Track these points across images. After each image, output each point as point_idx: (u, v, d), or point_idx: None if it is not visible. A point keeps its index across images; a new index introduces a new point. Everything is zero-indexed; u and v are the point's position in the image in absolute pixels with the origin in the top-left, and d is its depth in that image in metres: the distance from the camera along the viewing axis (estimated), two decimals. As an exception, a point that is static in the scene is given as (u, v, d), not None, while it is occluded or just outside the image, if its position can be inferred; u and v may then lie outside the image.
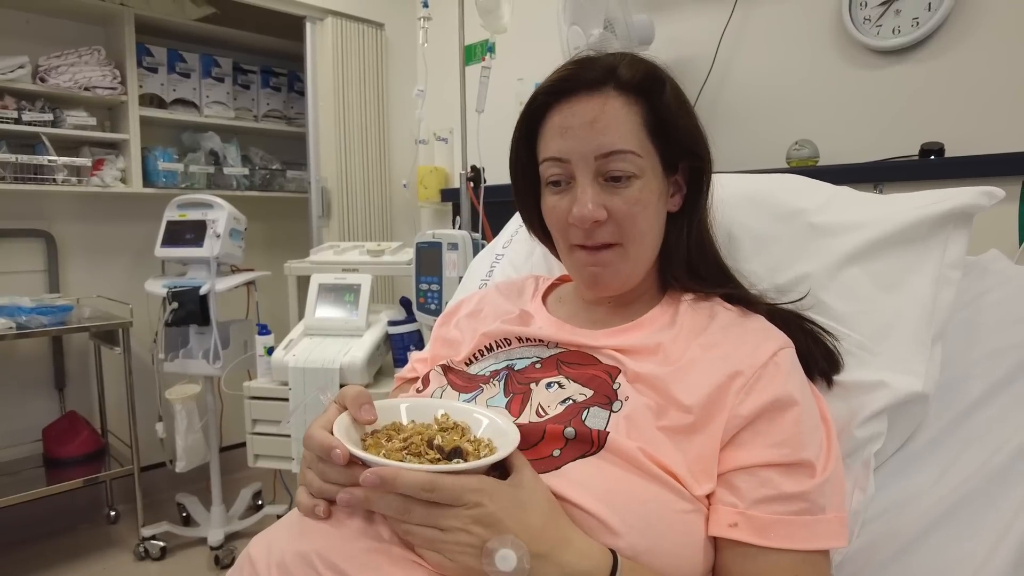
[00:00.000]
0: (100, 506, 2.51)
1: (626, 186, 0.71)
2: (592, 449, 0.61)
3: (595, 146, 0.70)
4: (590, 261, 0.74)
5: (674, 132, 0.73)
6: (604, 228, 0.71)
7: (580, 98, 0.71)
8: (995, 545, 0.63)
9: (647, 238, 0.74)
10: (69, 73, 2.22)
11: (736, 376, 0.64)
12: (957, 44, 1.46)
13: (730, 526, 0.59)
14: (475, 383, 0.76)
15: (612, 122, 0.70)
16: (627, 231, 0.72)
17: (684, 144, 0.74)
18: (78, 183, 2.29)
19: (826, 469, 0.61)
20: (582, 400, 0.67)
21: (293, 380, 1.73)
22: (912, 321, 0.75)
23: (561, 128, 0.72)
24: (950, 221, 0.79)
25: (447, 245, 1.68)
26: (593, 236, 0.72)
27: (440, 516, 0.53)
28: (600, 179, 0.71)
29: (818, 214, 0.86)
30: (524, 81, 2.25)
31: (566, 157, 0.71)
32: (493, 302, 0.90)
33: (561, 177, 0.73)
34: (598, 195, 0.71)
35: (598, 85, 0.71)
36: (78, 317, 2.16)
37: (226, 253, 2.11)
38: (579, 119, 0.70)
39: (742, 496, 0.60)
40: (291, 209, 2.95)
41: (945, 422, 0.74)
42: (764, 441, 0.61)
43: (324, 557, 0.56)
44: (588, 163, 0.70)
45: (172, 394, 2.11)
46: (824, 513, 0.59)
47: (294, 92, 3.01)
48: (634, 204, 0.71)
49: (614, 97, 0.71)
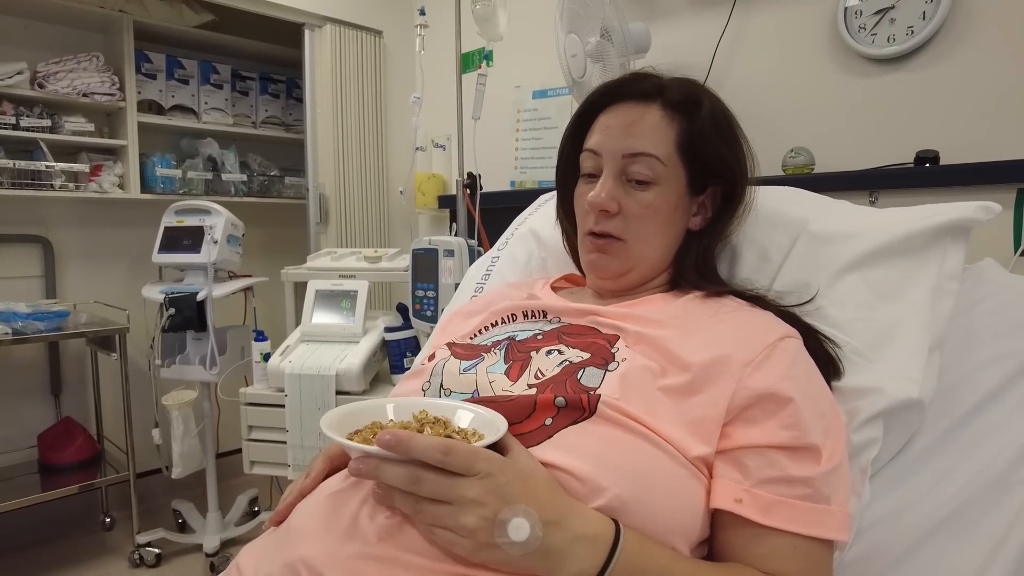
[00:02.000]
0: (95, 513, 2.49)
1: (643, 190, 0.78)
2: (584, 415, 0.62)
3: (624, 145, 0.77)
4: (594, 247, 0.80)
5: (704, 154, 0.78)
6: (612, 220, 0.78)
7: (628, 104, 0.80)
8: (992, 554, 0.64)
9: (653, 243, 0.79)
10: (68, 79, 2.23)
11: (745, 348, 0.65)
12: (951, 52, 1.47)
13: (735, 501, 0.60)
14: (476, 352, 0.77)
15: (646, 129, 0.77)
16: (632, 229, 0.78)
17: (714, 167, 0.79)
18: (76, 189, 2.29)
19: (832, 459, 0.62)
20: (579, 361, 0.68)
21: (289, 386, 1.73)
22: (910, 330, 0.75)
23: (604, 126, 0.80)
24: (948, 233, 0.80)
25: (443, 252, 1.68)
26: (601, 224, 0.79)
27: (452, 487, 0.52)
28: (622, 177, 0.78)
29: (817, 224, 0.87)
30: (521, 89, 2.26)
31: (599, 151, 0.79)
32: (502, 293, 0.94)
33: (593, 169, 0.80)
34: (616, 190, 0.78)
35: (647, 97, 0.79)
36: (75, 323, 2.15)
37: (223, 259, 2.11)
38: (620, 121, 0.79)
39: (749, 474, 0.60)
40: (289, 215, 2.95)
41: (941, 430, 0.74)
42: (775, 422, 0.62)
43: (310, 565, 0.56)
44: (615, 160, 0.78)
45: (168, 400, 2.10)
46: (828, 503, 0.60)
47: (292, 99, 3.02)
48: (646, 207, 0.77)
49: (656, 109, 0.79)
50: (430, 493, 0.53)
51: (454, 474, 0.53)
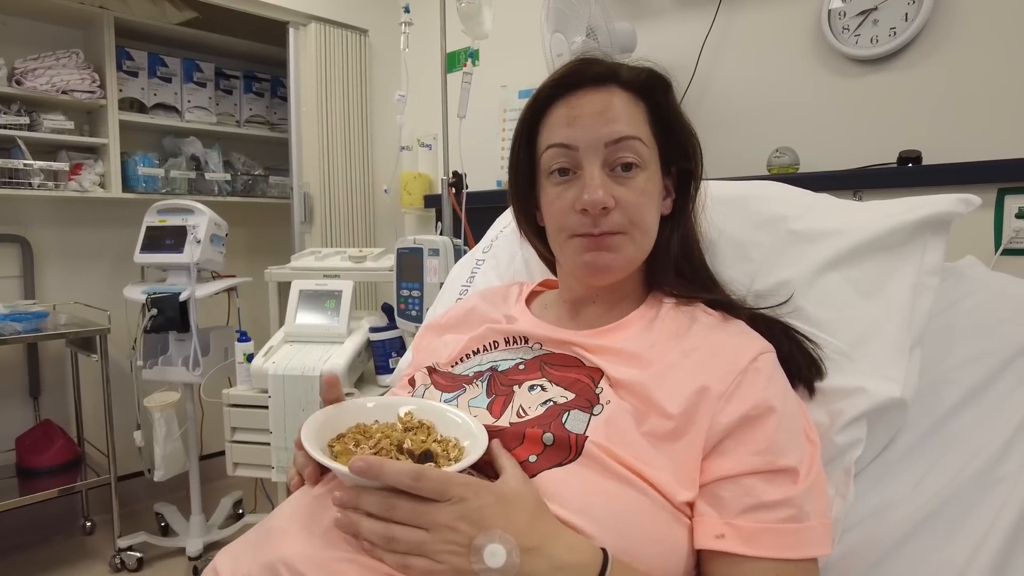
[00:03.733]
0: (76, 516, 2.46)
1: (633, 176, 0.72)
2: (569, 456, 0.61)
3: (605, 133, 0.71)
4: (591, 246, 0.72)
5: (674, 133, 0.76)
6: (611, 216, 0.71)
7: (587, 91, 0.73)
8: (974, 552, 0.64)
9: (650, 229, 0.75)
10: (46, 76, 2.19)
11: (716, 383, 0.63)
12: (933, 53, 1.48)
13: (717, 537, 0.59)
14: (458, 383, 0.76)
15: (621, 112, 0.72)
16: (633, 220, 0.72)
17: (682, 145, 0.77)
18: (55, 188, 2.26)
19: (809, 475, 0.61)
20: (563, 402, 0.66)
21: (273, 388, 1.71)
22: (891, 327, 0.75)
23: (568, 117, 0.73)
24: (928, 228, 0.80)
25: (428, 251, 1.67)
26: (600, 224, 0.71)
27: (425, 512, 0.52)
28: (607, 168, 0.72)
29: (798, 221, 0.87)
30: (508, 88, 2.25)
31: (574, 144, 0.72)
32: (478, 309, 0.90)
33: (568, 165, 0.73)
34: (607, 183, 0.71)
35: (603, 80, 0.74)
36: (54, 324, 2.12)
37: (207, 259, 2.08)
38: (588, 109, 0.72)
39: (727, 506, 0.60)
40: (273, 215, 2.93)
41: (923, 428, 0.74)
42: (746, 449, 0.61)
43: (291, 565, 0.55)
44: (597, 151, 0.71)
45: (151, 402, 2.08)
46: (809, 520, 0.59)
47: (277, 97, 2.99)
48: (641, 194, 0.72)
49: (619, 91, 0.73)
50: (403, 518, 0.53)
51: (428, 500, 0.53)
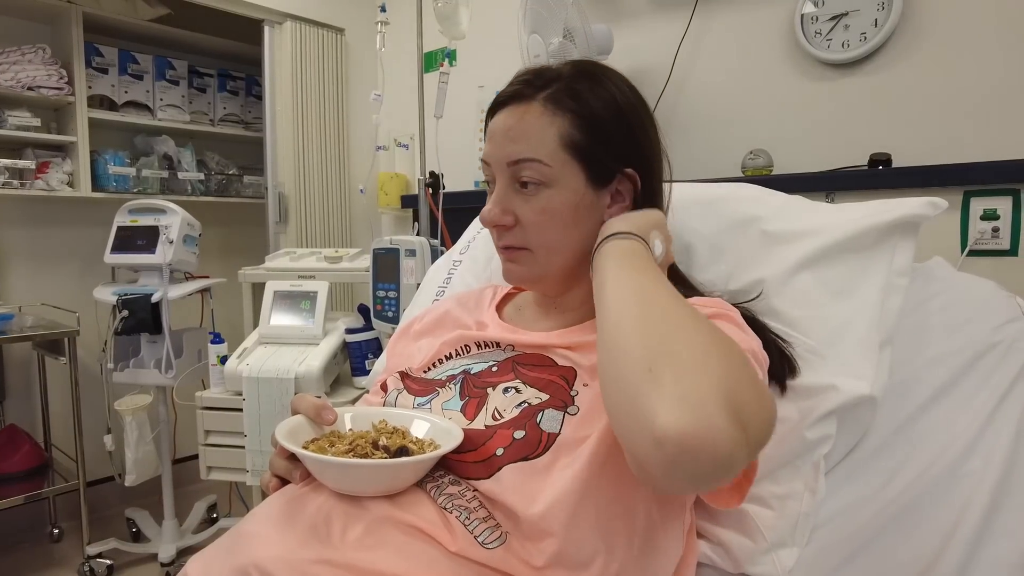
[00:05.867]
0: (43, 523, 2.40)
1: (534, 194, 0.72)
2: (538, 451, 0.61)
3: (505, 153, 0.73)
4: (505, 256, 0.77)
5: (609, 141, 0.73)
6: (511, 232, 0.74)
7: (509, 106, 0.75)
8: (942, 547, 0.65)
9: (559, 247, 0.74)
10: (11, 72, 2.14)
11: None
12: (903, 58, 1.51)
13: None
14: (431, 387, 0.76)
15: (526, 131, 0.72)
16: (533, 238, 0.74)
17: (623, 151, 0.74)
18: (21, 186, 2.20)
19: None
20: (537, 403, 0.67)
21: (247, 390, 1.69)
22: (861, 326, 0.76)
23: (491, 132, 0.76)
24: (897, 230, 0.81)
25: (405, 251, 1.66)
26: (501, 238, 0.76)
27: None
28: (515, 184, 0.74)
29: (771, 222, 0.88)
30: (485, 89, 2.25)
31: (488, 160, 0.76)
32: (451, 313, 0.90)
33: (489, 178, 0.77)
34: (511, 200, 0.74)
35: (526, 97, 0.74)
36: (20, 325, 2.07)
37: (179, 260, 2.05)
38: (500, 126, 0.74)
39: None
40: (248, 215, 2.89)
41: (893, 426, 0.75)
42: None
43: (263, 569, 0.55)
44: (502, 168, 0.74)
45: (122, 405, 2.04)
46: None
47: (252, 96, 2.95)
48: (541, 213, 0.72)
49: (535, 108, 0.73)
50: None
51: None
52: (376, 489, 0.60)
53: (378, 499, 0.60)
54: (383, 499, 0.60)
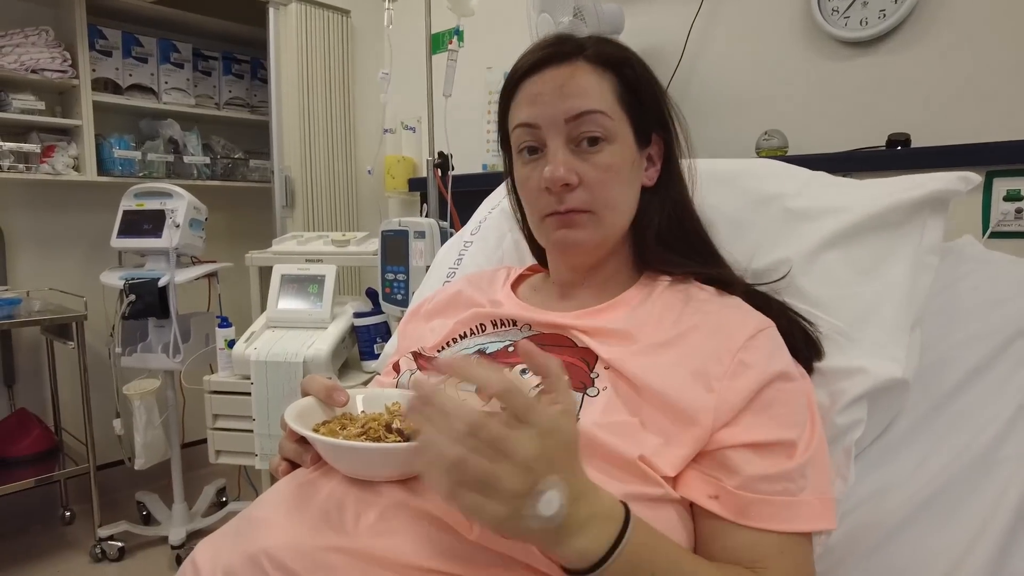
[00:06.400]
0: (54, 507, 2.41)
1: (597, 151, 0.70)
2: None
3: (564, 109, 0.69)
4: (560, 223, 0.72)
5: (645, 101, 0.73)
6: (575, 194, 0.70)
7: (550, 68, 0.72)
8: (977, 534, 0.63)
9: (620, 206, 0.73)
10: (15, 54, 2.12)
11: (714, 364, 0.61)
12: (923, 36, 1.47)
13: (710, 497, 0.57)
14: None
15: (582, 86, 0.70)
16: (599, 197, 0.71)
17: (655, 114, 0.75)
18: (27, 171, 2.19)
19: (808, 449, 0.60)
20: None
21: (255, 374, 1.68)
22: (891, 307, 0.74)
23: (531, 95, 0.72)
24: (927, 206, 0.78)
25: (414, 233, 1.64)
26: (564, 201, 0.70)
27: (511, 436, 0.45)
28: (571, 144, 0.70)
29: (795, 199, 0.85)
30: (493, 70, 2.22)
31: (536, 123, 0.71)
32: (464, 293, 0.87)
33: (534, 143, 0.72)
34: (569, 159, 0.70)
35: (567, 57, 0.72)
36: (28, 310, 2.06)
37: (186, 244, 2.04)
38: (549, 85, 0.71)
39: (724, 472, 0.58)
40: (254, 199, 2.87)
41: (924, 409, 0.73)
42: (748, 420, 0.59)
43: (273, 557, 0.53)
44: (559, 127, 0.70)
45: (130, 389, 2.03)
46: (804, 493, 0.58)
47: (257, 79, 2.92)
48: (605, 170, 0.70)
49: (583, 65, 0.72)
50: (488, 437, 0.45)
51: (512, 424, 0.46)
52: (390, 474, 0.58)
53: (392, 484, 0.58)
54: (397, 484, 0.58)
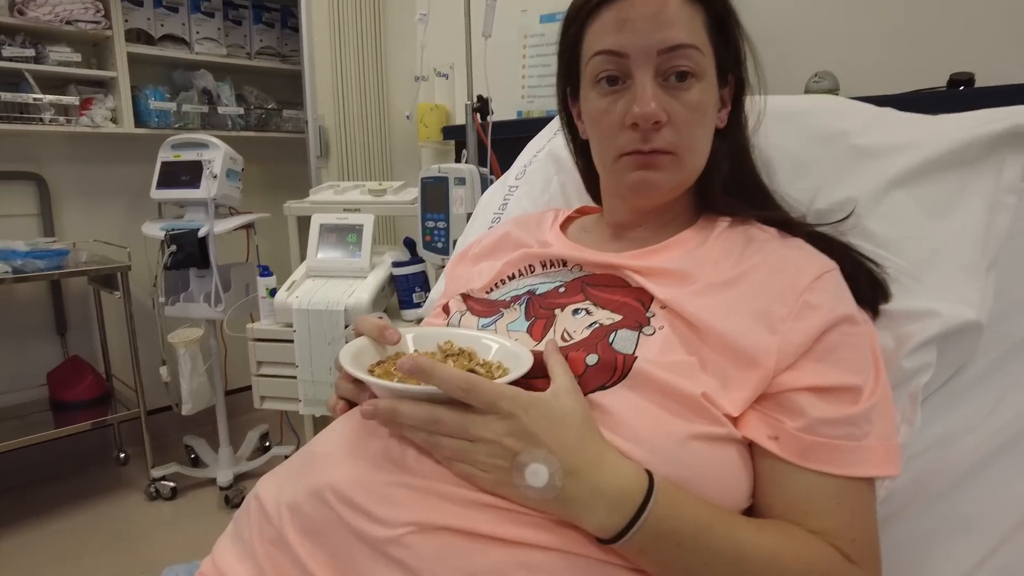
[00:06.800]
0: (109, 448, 2.52)
1: (687, 88, 0.65)
2: (614, 378, 0.57)
3: (658, 39, 0.64)
4: (640, 164, 0.67)
5: (731, 38, 0.69)
6: (661, 133, 0.65)
7: None
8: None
9: (702, 148, 0.69)
10: (48, 5, 2.11)
11: (778, 305, 0.59)
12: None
13: (769, 437, 0.56)
14: (495, 308, 0.73)
15: (676, 16, 0.64)
16: (684, 138, 0.66)
17: (736, 52, 0.70)
18: (67, 123, 2.21)
19: (874, 394, 0.58)
20: (610, 324, 0.63)
21: (297, 322, 1.70)
22: (964, 248, 0.70)
23: (618, 21, 0.65)
24: (1006, 142, 0.73)
25: (454, 180, 1.62)
26: (650, 140, 0.65)
27: (471, 425, 0.51)
28: (660, 78, 0.65)
29: (861, 135, 0.81)
30: (528, 13, 2.15)
31: (624, 51, 0.65)
32: (511, 235, 0.86)
33: (616, 73, 0.66)
34: (660, 95, 0.64)
35: None
36: (75, 261, 2.11)
37: (224, 194, 2.05)
38: (640, 12, 0.64)
39: (787, 414, 0.56)
40: (288, 150, 2.86)
41: (997, 354, 0.70)
42: (812, 365, 0.57)
43: (338, 491, 0.54)
44: (649, 58, 0.64)
45: (175, 338, 2.09)
46: (868, 439, 0.56)
47: (288, 28, 2.88)
48: (694, 110, 0.65)
49: None
50: (450, 431, 0.52)
51: (475, 411, 0.51)
52: None
53: None
54: None
